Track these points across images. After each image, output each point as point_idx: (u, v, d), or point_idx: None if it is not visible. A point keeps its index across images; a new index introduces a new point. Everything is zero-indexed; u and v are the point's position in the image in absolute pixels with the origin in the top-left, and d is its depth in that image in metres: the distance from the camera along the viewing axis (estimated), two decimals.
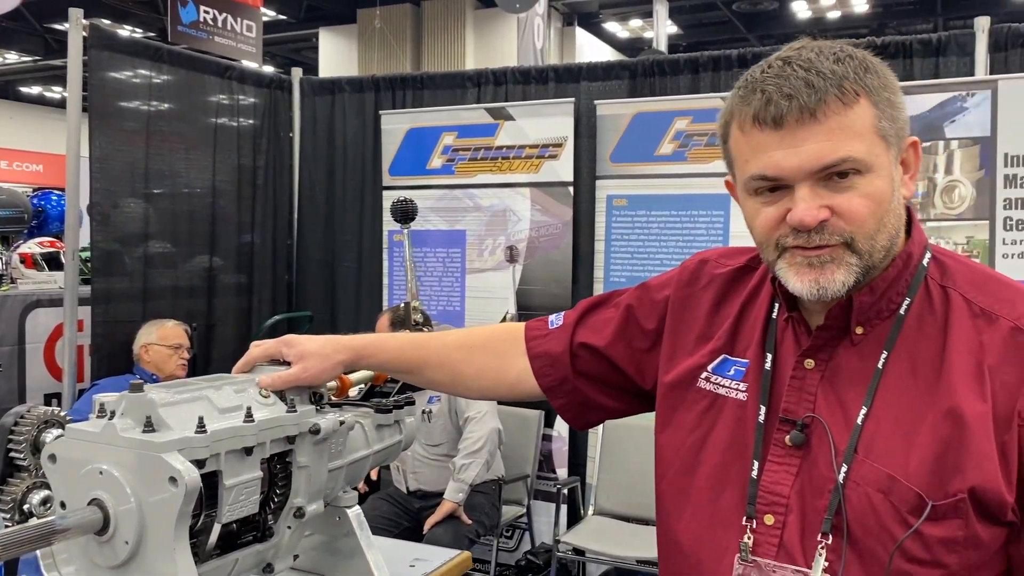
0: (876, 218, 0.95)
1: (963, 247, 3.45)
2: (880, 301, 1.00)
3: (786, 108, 0.93)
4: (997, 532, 0.93)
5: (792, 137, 0.93)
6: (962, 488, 0.91)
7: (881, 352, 0.99)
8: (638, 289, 1.27)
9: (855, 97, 0.93)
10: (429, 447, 3.76)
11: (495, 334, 1.40)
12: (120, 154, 4.03)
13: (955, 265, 1.03)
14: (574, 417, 1.31)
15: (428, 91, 4.63)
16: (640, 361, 1.23)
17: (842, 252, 0.95)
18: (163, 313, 4.01)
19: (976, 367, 0.94)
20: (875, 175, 0.94)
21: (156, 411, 1.11)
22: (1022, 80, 3.39)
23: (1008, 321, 0.96)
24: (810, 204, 0.94)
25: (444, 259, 4.47)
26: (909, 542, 0.92)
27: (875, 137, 0.94)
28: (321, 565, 1.48)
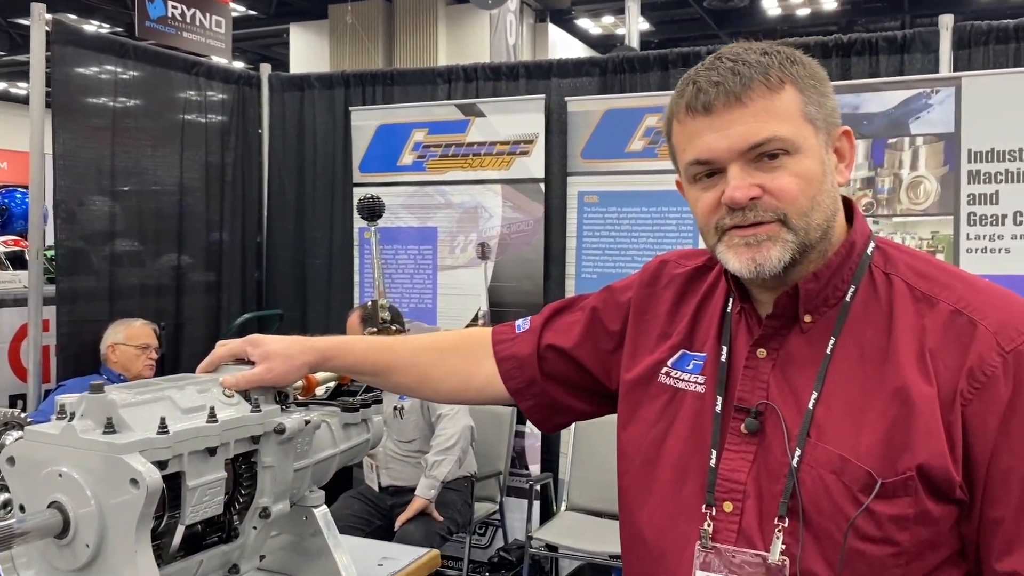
0: (807, 196, 0.99)
1: (928, 242, 3.50)
2: (826, 289, 1.04)
3: (714, 94, 0.99)
4: (947, 510, 0.95)
5: (721, 121, 0.99)
6: (911, 466, 0.94)
7: (829, 338, 1.02)
8: (603, 292, 1.30)
9: (780, 84, 0.99)
10: (401, 443, 3.75)
11: (462, 338, 1.41)
12: (85, 151, 3.97)
13: (897, 254, 1.07)
14: (542, 420, 1.33)
15: (398, 87, 4.61)
16: (606, 362, 1.25)
17: (778, 229, 0.99)
18: (131, 312, 3.96)
19: (919, 350, 0.98)
20: (804, 155, 0.99)
21: (117, 412, 1.10)
22: (985, 77, 3.44)
23: (948, 305, 0.99)
24: (740, 182, 0.99)
25: (416, 256, 4.46)
26: (861, 520, 0.94)
27: (802, 120, 1.00)
28: (288, 565, 1.47)
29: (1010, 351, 0.94)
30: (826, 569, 0.96)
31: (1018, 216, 3.36)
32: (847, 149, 1.05)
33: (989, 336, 0.95)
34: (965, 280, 1.02)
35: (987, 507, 0.95)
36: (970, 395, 0.94)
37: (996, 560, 0.95)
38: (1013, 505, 0.94)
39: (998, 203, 3.39)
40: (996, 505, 0.95)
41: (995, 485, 0.94)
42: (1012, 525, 0.94)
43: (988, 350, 0.95)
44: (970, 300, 0.99)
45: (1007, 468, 0.94)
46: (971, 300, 0.99)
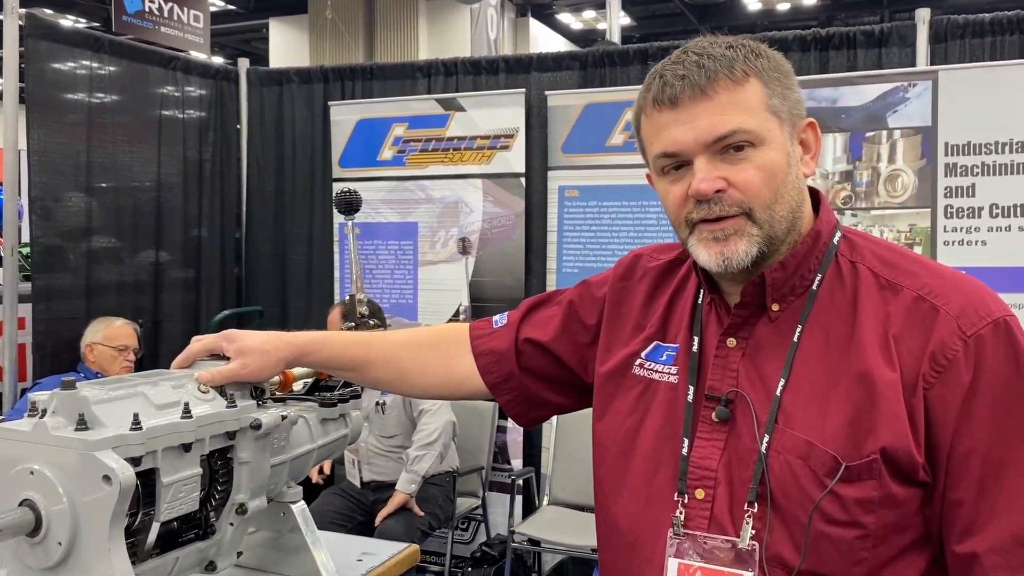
0: (771, 188, 1.01)
1: (906, 235, 3.52)
2: (792, 278, 1.05)
3: (680, 88, 1.01)
4: (912, 492, 0.97)
5: (687, 113, 1.01)
6: (874, 449, 0.95)
7: (796, 327, 1.04)
8: (580, 286, 1.31)
9: (744, 76, 1.01)
10: (383, 439, 3.74)
11: (441, 334, 1.40)
12: (61, 147, 3.93)
13: (863, 242, 1.09)
14: (519, 413, 1.34)
15: (378, 82, 4.59)
16: (583, 355, 1.27)
17: (743, 223, 1.01)
18: (108, 309, 3.93)
19: (883, 336, 0.99)
20: (768, 148, 1.01)
21: (89, 408, 1.09)
22: (961, 71, 3.46)
23: (911, 291, 1.01)
24: (706, 174, 1.01)
25: (396, 252, 4.44)
26: (827, 503, 0.96)
27: (766, 113, 1.01)
28: (266, 562, 1.46)
29: (971, 335, 0.96)
30: (793, 552, 0.98)
31: (994, 208, 3.39)
32: (812, 141, 1.06)
33: (951, 321, 0.97)
34: (928, 267, 1.04)
35: (948, 489, 0.97)
36: (932, 379, 0.96)
37: (956, 542, 0.97)
38: (973, 487, 0.96)
39: (974, 196, 3.42)
40: (956, 487, 0.96)
41: (956, 467, 0.96)
42: (972, 507, 0.96)
43: (950, 334, 0.96)
44: (933, 286, 1.00)
45: (967, 450, 0.96)
46: (934, 286, 1.00)
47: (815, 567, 0.97)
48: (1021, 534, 0.95)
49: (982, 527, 0.96)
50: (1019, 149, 3.36)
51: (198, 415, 1.19)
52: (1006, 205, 3.38)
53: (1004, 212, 3.38)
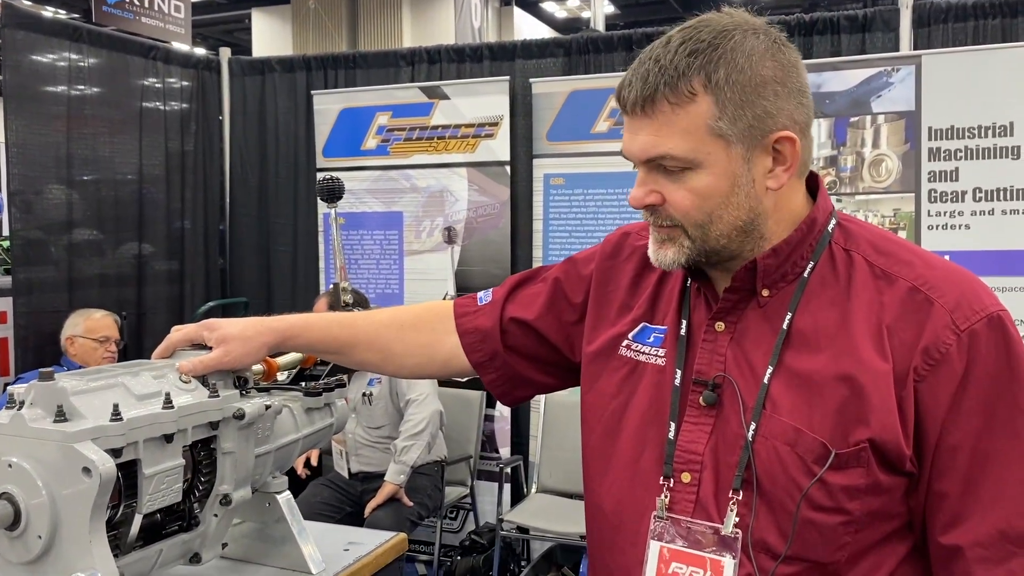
0: (702, 211, 1.00)
1: (890, 219, 3.53)
2: (784, 264, 1.04)
3: (628, 97, 1.00)
4: (897, 481, 0.97)
5: (633, 123, 1.01)
6: (863, 438, 0.95)
7: (786, 313, 1.03)
8: (565, 263, 1.30)
9: (689, 96, 0.96)
10: (371, 429, 3.73)
11: (424, 312, 1.38)
12: (40, 139, 3.89)
13: (858, 230, 1.07)
14: (504, 393, 1.32)
15: (361, 70, 4.55)
16: (569, 334, 1.25)
17: (677, 234, 1.03)
18: (91, 302, 3.89)
19: (876, 326, 0.98)
20: (704, 172, 0.99)
21: (68, 400, 1.07)
22: (945, 55, 3.47)
23: (906, 282, 1.00)
24: (640, 188, 1.03)
25: (381, 241, 4.42)
26: (814, 490, 0.96)
27: (705, 136, 0.97)
28: (252, 553, 1.45)
29: (965, 330, 0.95)
30: (778, 538, 0.98)
31: (977, 192, 3.41)
32: (788, 154, 1.00)
33: (945, 314, 0.96)
34: (924, 258, 1.03)
35: (934, 480, 0.97)
36: (924, 372, 0.95)
37: (940, 534, 0.97)
38: (959, 480, 0.96)
39: (958, 180, 3.43)
40: (942, 479, 0.96)
41: (943, 460, 0.96)
42: (957, 500, 0.96)
43: (943, 328, 0.96)
44: (928, 278, 0.99)
45: (955, 444, 0.95)
46: (929, 278, 0.99)
47: (799, 552, 0.97)
48: (1005, 528, 0.95)
49: (966, 519, 0.96)
50: (1002, 133, 3.37)
51: (180, 405, 1.18)
52: (989, 189, 3.39)
53: (987, 196, 3.39)
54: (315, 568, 1.42)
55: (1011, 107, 3.34)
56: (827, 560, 0.97)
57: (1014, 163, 3.35)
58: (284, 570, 1.42)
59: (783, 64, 0.99)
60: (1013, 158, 3.35)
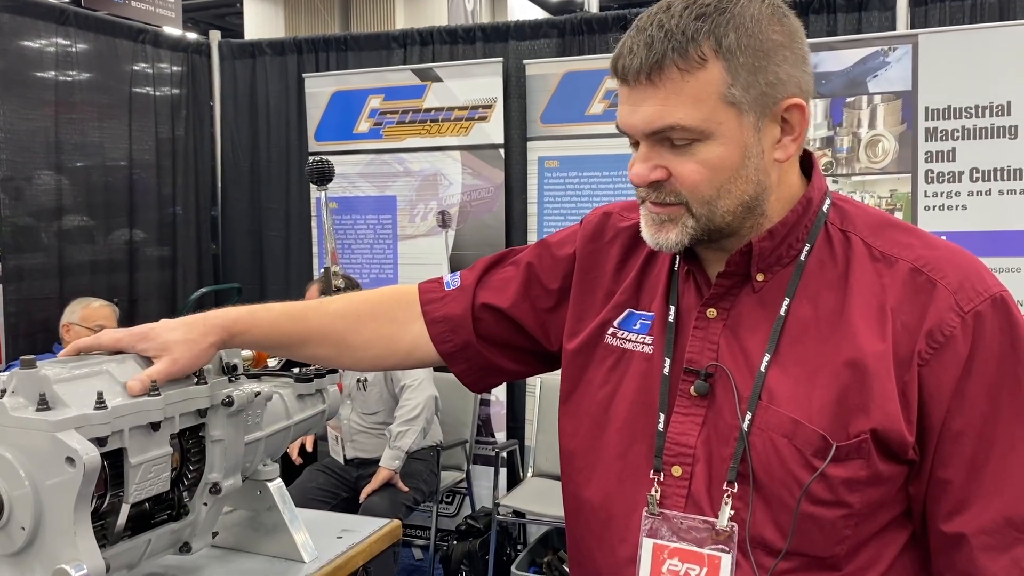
0: (713, 185, 0.95)
1: (887, 200, 3.51)
2: (780, 247, 1.00)
3: (629, 66, 0.93)
4: (898, 470, 0.94)
5: (634, 95, 0.95)
6: (864, 428, 0.92)
7: (783, 299, 0.99)
8: (537, 247, 1.23)
9: (700, 62, 0.91)
10: (365, 415, 3.72)
11: (383, 299, 1.30)
12: (29, 124, 3.85)
13: (854, 211, 1.04)
14: (474, 382, 1.26)
15: (352, 53, 4.51)
16: (544, 321, 1.20)
17: (680, 213, 0.97)
18: (82, 289, 3.87)
19: (879, 309, 0.95)
20: (715, 143, 0.93)
21: (50, 388, 1.05)
22: (941, 34, 3.44)
23: (907, 263, 0.97)
24: (643, 164, 0.96)
25: (375, 226, 4.39)
26: (814, 484, 0.92)
27: (718, 103, 0.92)
28: (243, 541, 1.43)
29: (969, 311, 0.93)
30: (776, 534, 0.94)
31: (974, 173, 3.38)
32: (797, 122, 0.96)
33: (948, 296, 0.93)
34: (924, 239, 1.00)
35: (937, 468, 0.94)
36: (928, 355, 0.92)
37: (943, 522, 0.95)
38: (963, 467, 0.93)
39: (955, 160, 3.41)
40: (946, 466, 0.94)
41: (946, 446, 0.93)
42: (960, 487, 0.94)
43: (947, 310, 0.93)
44: (929, 259, 0.96)
45: (959, 430, 0.93)
46: (930, 259, 0.96)
47: (798, 547, 0.94)
48: (1011, 514, 0.93)
49: (970, 507, 0.93)
50: (999, 113, 3.35)
51: (166, 393, 1.15)
52: (986, 169, 3.37)
53: (984, 176, 3.37)
54: (307, 556, 1.40)
55: (1008, 86, 3.31)
56: (826, 554, 0.94)
57: (1011, 143, 3.33)
58: (276, 559, 1.40)
59: (789, 30, 0.95)
60: (1010, 138, 3.33)
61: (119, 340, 1.18)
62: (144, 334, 1.18)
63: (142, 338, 1.17)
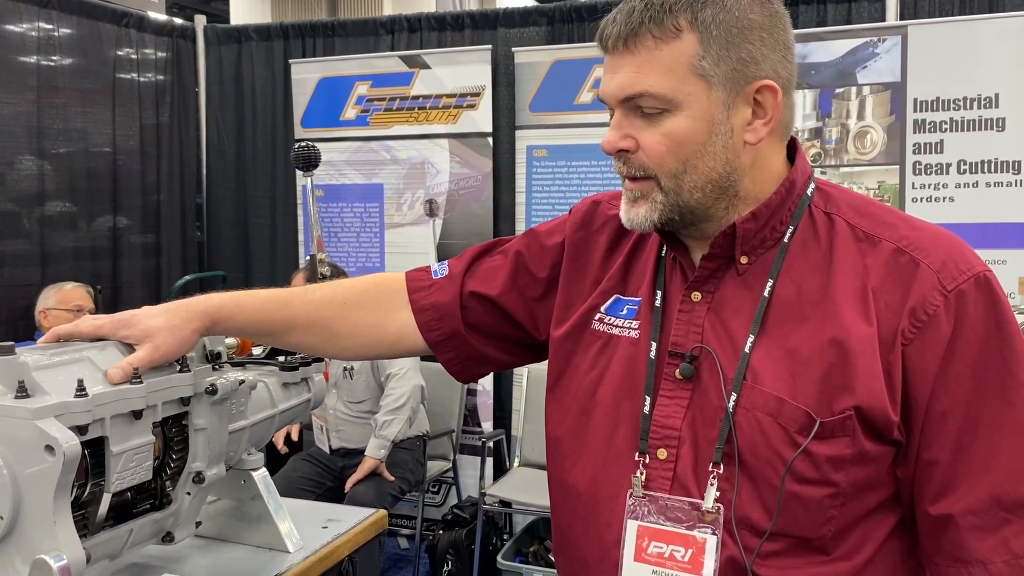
0: (677, 158, 0.96)
1: (875, 192, 3.51)
2: (764, 229, 1.01)
3: (610, 33, 0.97)
4: (884, 450, 0.94)
5: (613, 62, 0.98)
6: (849, 406, 0.92)
7: (767, 281, 0.99)
8: (526, 236, 1.23)
9: (674, 32, 0.94)
10: (351, 404, 3.70)
11: (369, 287, 1.28)
12: (10, 109, 3.79)
13: (837, 193, 1.04)
14: (460, 371, 1.25)
15: (340, 39, 4.46)
16: (533, 310, 1.19)
17: (651, 188, 0.98)
18: (64, 276, 3.83)
19: (861, 289, 0.95)
20: (683, 114, 0.95)
21: (29, 375, 1.03)
22: (931, 25, 3.44)
23: (890, 243, 0.97)
24: (614, 131, 0.98)
25: (361, 214, 4.36)
26: (799, 462, 0.92)
27: (687, 75, 0.94)
28: (227, 531, 1.41)
29: (952, 290, 0.93)
30: (762, 514, 0.94)
31: (962, 165, 3.39)
32: (769, 105, 0.96)
33: (931, 275, 0.93)
34: (905, 219, 1.00)
35: (923, 448, 0.94)
36: (911, 334, 0.92)
37: (930, 503, 0.95)
38: (949, 447, 0.93)
39: (943, 152, 3.41)
40: (932, 447, 0.94)
41: (932, 426, 0.93)
42: (947, 468, 0.93)
43: (930, 289, 0.93)
44: (912, 239, 0.97)
45: (944, 409, 0.93)
46: (913, 239, 0.97)
47: (784, 528, 0.94)
48: (999, 493, 0.92)
49: (957, 487, 0.93)
50: (987, 105, 3.35)
51: (148, 380, 1.13)
52: (974, 161, 3.37)
53: (972, 168, 3.38)
54: (292, 546, 1.39)
55: (997, 78, 3.32)
56: (812, 535, 0.94)
57: (999, 135, 3.33)
58: (260, 549, 1.39)
59: (771, 13, 0.97)
60: (998, 130, 3.34)
61: (100, 327, 1.17)
62: (125, 321, 1.16)
63: (123, 325, 1.16)
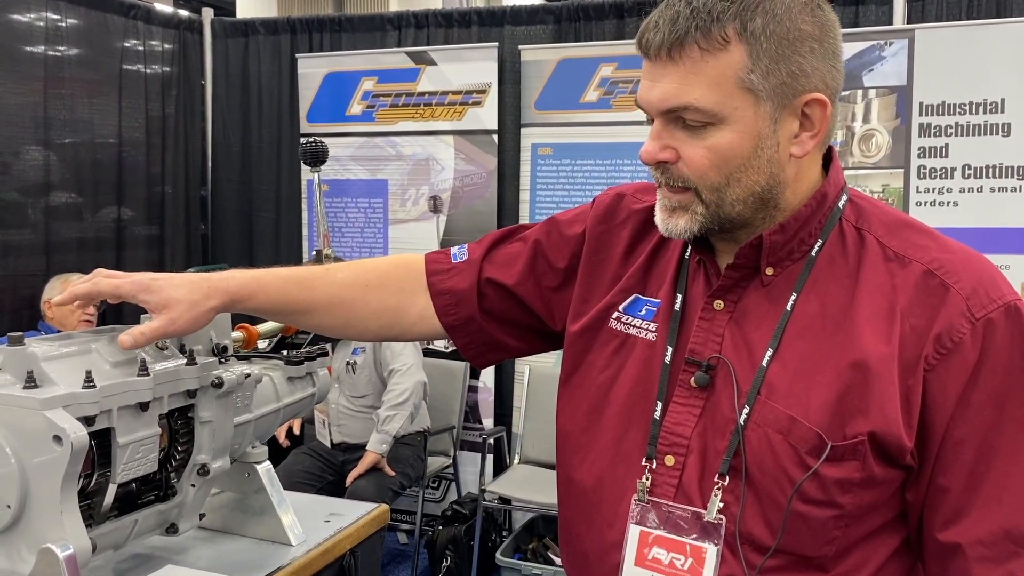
0: (721, 172, 0.93)
1: (879, 195, 3.51)
2: (791, 241, 0.98)
3: (652, 41, 0.92)
4: (893, 474, 0.93)
5: (654, 70, 0.93)
6: (863, 430, 0.90)
7: (791, 294, 0.97)
8: (546, 224, 1.21)
9: (722, 43, 0.90)
10: (354, 399, 3.71)
11: (390, 270, 1.26)
12: (17, 99, 3.79)
13: (871, 208, 1.02)
14: (475, 356, 1.25)
15: (347, 34, 4.46)
16: (549, 300, 1.18)
17: (691, 199, 0.96)
18: (69, 266, 3.84)
19: (888, 309, 0.93)
20: (728, 128, 0.92)
21: (38, 365, 1.04)
22: (938, 29, 3.44)
23: (921, 265, 0.94)
24: (654, 142, 0.95)
25: (366, 209, 4.36)
26: (807, 483, 0.91)
27: (734, 88, 0.90)
28: (230, 523, 1.42)
29: (980, 318, 0.90)
30: (765, 531, 0.93)
31: (967, 169, 3.39)
32: (818, 118, 0.93)
33: (960, 301, 0.91)
34: (940, 241, 0.97)
35: (936, 475, 0.92)
36: (935, 360, 0.90)
37: (939, 530, 0.93)
38: (963, 475, 0.92)
39: (948, 156, 3.41)
40: (946, 473, 0.92)
41: (947, 454, 0.92)
42: (959, 496, 0.92)
43: (958, 316, 0.91)
44: (944, 262, 0.94)
45: (961, 437, 0.91)
46: (945, 262, 0.94)
47: (787, 546, 0.93)
48: (1009, 526, 0.91)
49: (967, 516, 0.92)
50: (993, 110, 3.35)
51: (155, 372, 1.14)
52: (979, 166, 3.37)
53: (976, 173, 3.38)
54: (295, 539, 1.39)
55: (1003, 83, 3.32)
56: (814, 554, 0.93)
57: (1004, 140, 3.33)
58: (263, 541, 1.40)
59: (822, 22, 0.93)
60: (1003, 135, 3.34)
61: (119, 287, 1.15)
62: (147, 285, 1.14)
63: (144, 288, 1.14)
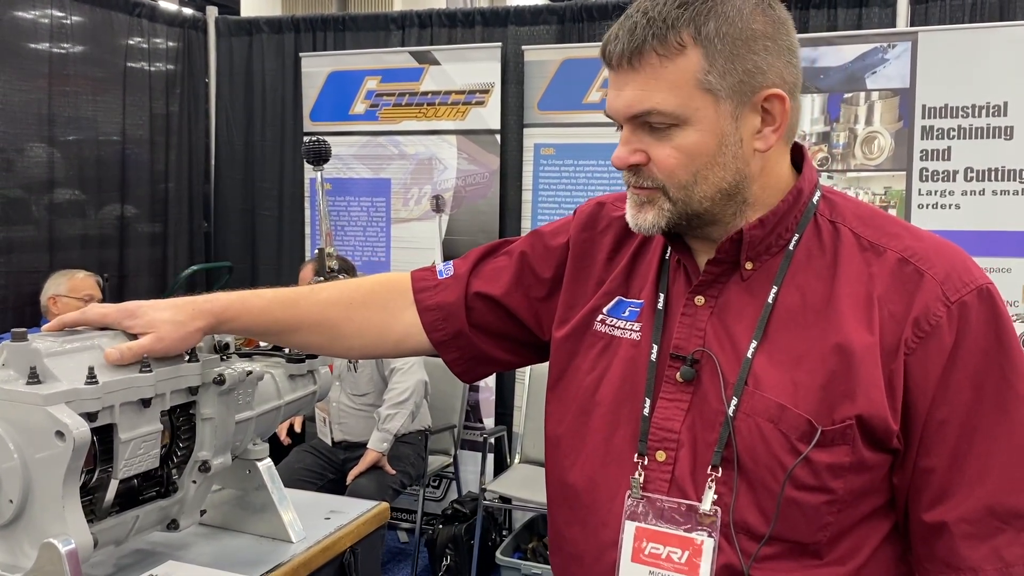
0: (688, 171, 0.97)
1: (881, 197, 3.52)
2: (770, 236, 1.02)
3: (614, 51, 0.97)
4: (883, 458, 0.96)
5: (618, 79, 0.98)
6: (850, 415, 0.93)
7: (771, 287, 1.00)
8: (531, 236, 1.24)
9: (678, 48, 0.94)
10: (355, 397, 3.72)
11: (375, 287, 1.29)
12: (22, 96, 3.80)
13: (843, 202, 1.05)
14: (464, 371, 1.26)
15: (350, 33, 4.47)
16: (537, 310, 1.20)
17: (658, 195, 1.00)
18: (72, 263, 3.85)
19: (866, 298, 0.97)
20: (692, 128, 0.95)
21: (41, 361, 1.04)
22: (941, 32, 3.44)
23: (895, 253, 0.98)
24: (624, 147, 0.99)
25: (368, 208, 4.37)
26: (798, 469, 0.93)
27: (694, 90, 0.94)
28: (231, 520, 1.43)
29: (955, 301, 0.94)
30: (759, 519, 0.95)
31: (969, 172, 3.39)
32: (777, 113, 0.97)
33: (935, 286, 0.95)
34: (909, 229, 1.02)
35: (920, 456, 0.95)
36: (914, 344, 0.94)
37: (925, 510, 0.96)
38: (946, 456, 0.94)
39: (950, 159, 3.42)
40: (929, 454, 0.95)
41: (930, 434, 0.94)
42: (943, 476, 0.95)
43: (934, 300, 0.94)
44: (916, 250, 0.98)
45: (943, 418, 0.94)
46: (917, 250, 0.98)
47: (781, 533, 0.95)
48: (993, 503, 0.94)
49: (952, 495, 0.95)
50: (995, 113, 3.35)
51: (158, 369, 1.15)
52: (981, 169, 3.37)
53: (979, 176, 3.38)
54: (295, 536, 1.40)
55: (1006, 87, 3.32)
56: (808, 540, 0.95)
57: (1006, 143, 3.34)
58: (264, 538, 1.41)
59: (773, 20, 0.97)
60: (1006, 139, 3.34)
61: (106, 316, 1.18)
62: (132, 311, 1.17)
63: (128, 314, 1.17)
